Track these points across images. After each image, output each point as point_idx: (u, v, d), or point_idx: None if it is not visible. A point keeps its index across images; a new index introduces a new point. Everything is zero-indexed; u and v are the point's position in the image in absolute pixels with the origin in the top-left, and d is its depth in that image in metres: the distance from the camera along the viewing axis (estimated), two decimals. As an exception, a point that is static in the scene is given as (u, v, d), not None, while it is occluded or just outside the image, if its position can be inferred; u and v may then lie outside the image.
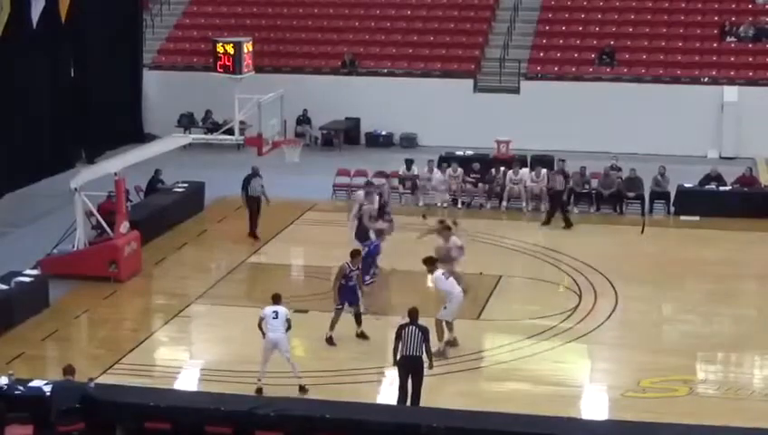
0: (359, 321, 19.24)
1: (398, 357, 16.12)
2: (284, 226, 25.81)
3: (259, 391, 16.87)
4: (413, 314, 16.40)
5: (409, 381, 16.08)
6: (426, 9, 38.40)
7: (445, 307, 18.42)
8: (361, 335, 19.16)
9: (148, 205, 26.44)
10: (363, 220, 22.78)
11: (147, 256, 23.46)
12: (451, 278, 18.72)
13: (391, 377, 16.80)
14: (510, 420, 15.07)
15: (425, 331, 16.18)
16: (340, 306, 19.08)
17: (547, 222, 26.51)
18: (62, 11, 30.62)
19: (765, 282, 22.46)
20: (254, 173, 25.56)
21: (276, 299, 17.44)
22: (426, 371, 16.17)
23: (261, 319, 17.07)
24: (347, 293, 19.08)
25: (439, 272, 18.55)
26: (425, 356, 16.11)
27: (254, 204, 25.43)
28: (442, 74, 35.91)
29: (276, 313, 17.00)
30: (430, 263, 18.80)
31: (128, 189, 23.59)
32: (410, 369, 16.06)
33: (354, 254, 19.45)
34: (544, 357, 18.67)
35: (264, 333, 17.01)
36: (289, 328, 17.09)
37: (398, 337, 16.14)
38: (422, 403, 15.93)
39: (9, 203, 28.00)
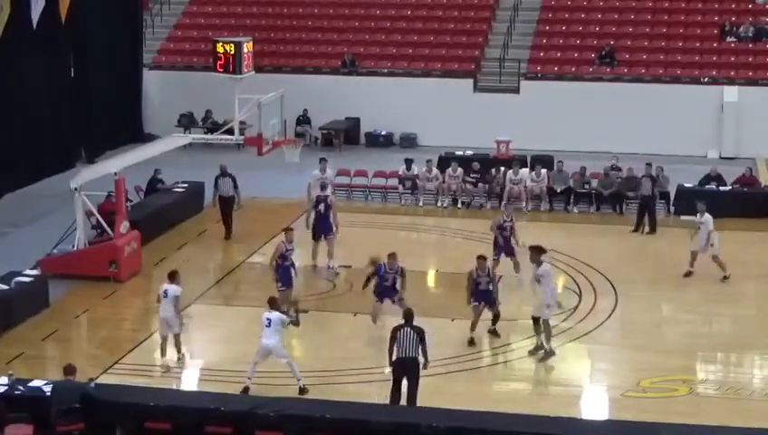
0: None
1: (394, 358, 16.10)
2: (284, 226, 25.76)
3: (245, 390, 16.83)
4: (408, 315, 16.36)
5: (405, 382, 16.07)
6: (426, 9, 38.42)
7: (548, 305, 18.35)
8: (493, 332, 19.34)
9: (148, 205, 26.43)
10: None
11: (147, 256, 23.45)
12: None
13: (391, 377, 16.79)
14: (510, 420, 15.05)
15: (420, 332, 16.15)
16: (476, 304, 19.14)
17: (636, 229, 26.01)
18: (62, 11, 30.66)
19: (765, 282, 22.45)
20: (223, 173, 25.35)
21: (270, 303, 17.43)
22: (421, 371, 16.14)
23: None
24: (479, 293, 19.06)
25: (548, 266, 18.49)
26: (420, 357, 16.08)
27: (224, 205, 25.28)
28: (442, 74, 35.92)
29: (269, 320, 16.96)
30: (538, 252, 18.55)
31: (126, 189, 23.56)
32: (406, 370, 16.03)
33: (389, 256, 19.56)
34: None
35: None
36: (285, 326, 17.16)
37: (393, 339, 16.11)
38: (422, 403, 15.91)
39: (9, 203, 28.01)
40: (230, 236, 25.38)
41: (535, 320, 18.42)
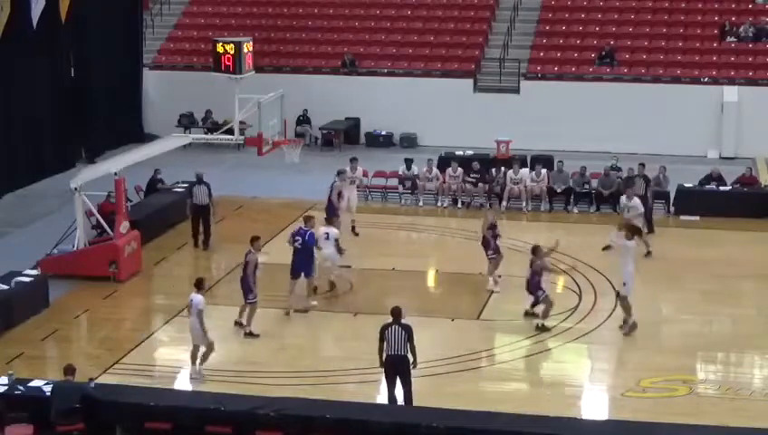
0: None
1: (384, 357, 16.08)
2: (284, 226, 25.78)
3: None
4: (396, 313, 16.26)
5: (398, 381, 16.06)
6: (426, 9, 38.41)
7: (624, 283, 19.38)
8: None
9: (148, 205, 26.43)
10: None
11: (147, 256, 23.45)
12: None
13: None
14: (510, 420, 15.06)
15: (408, 329, 16.09)
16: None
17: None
18: (62, 11, 30.67)
19: (765, 282, 22.45)
20: (198, 180, 24.74)
21: (327, 221, 21.66)
22: (414, 370, 16.13)
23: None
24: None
25: (632, 244, 19.49)
26: (409, 354, 16.05)
27: (198, 213, 24.57)
28: (442, 74, 35.91)
29: (327, 234, 20.59)
30: (632, 231, 19.72)
31: (126, 189, 23.54)
32: (396, 368, 16.02)
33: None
34: (544, 357, 18.68)
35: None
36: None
37: (382, 338, 16.07)
38: (422, 403, 15.92)
39: (9, 203, 28.02)
40: (208, 245, 24.54)
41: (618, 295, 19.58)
